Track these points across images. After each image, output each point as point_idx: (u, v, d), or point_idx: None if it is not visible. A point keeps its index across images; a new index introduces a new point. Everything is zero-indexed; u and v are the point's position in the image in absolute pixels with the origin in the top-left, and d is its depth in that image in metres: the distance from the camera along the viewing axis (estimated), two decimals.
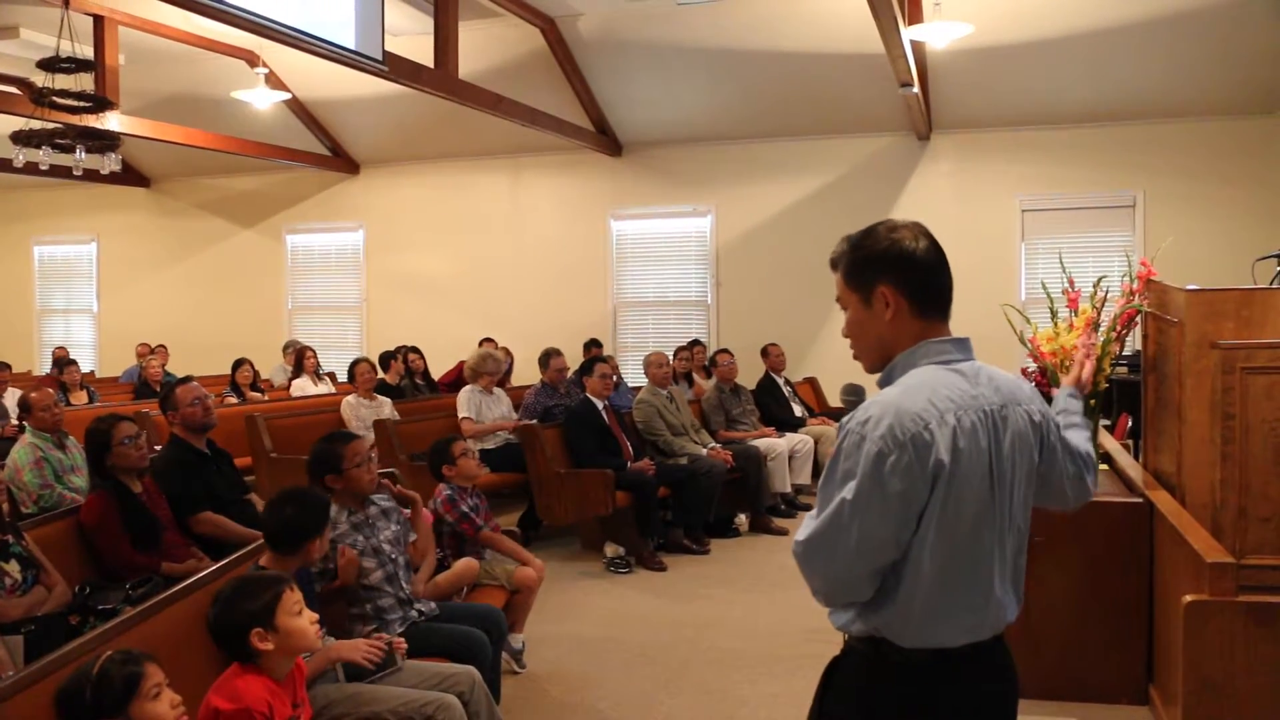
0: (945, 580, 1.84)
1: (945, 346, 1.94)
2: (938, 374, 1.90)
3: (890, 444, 1.79)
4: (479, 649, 3.75)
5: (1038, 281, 6.58)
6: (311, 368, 10.39)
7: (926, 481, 1.80)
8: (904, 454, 1.78)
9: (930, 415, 1.82)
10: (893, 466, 1.78)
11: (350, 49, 6.61)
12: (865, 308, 1.97)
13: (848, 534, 1.81)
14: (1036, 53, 9.03)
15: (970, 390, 1.89)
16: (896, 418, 1.81)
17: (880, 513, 1.79)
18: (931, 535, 1.82)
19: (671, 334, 11.26)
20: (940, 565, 1.83)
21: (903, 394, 1.86)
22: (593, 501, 6.64)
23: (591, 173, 11.61)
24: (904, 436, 1.79)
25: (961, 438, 1.83)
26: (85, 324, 14.20)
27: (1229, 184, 9.54)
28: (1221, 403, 3.67)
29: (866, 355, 2.02)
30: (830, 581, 1.89)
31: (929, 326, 1.95)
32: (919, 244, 1.95)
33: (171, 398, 4.96)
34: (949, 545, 1.83)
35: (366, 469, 3.89)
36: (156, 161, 13.17)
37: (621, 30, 9.60)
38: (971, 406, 1.86)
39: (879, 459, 1.79)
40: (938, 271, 1.97)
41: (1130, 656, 4.18)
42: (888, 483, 1.78)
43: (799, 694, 4.46)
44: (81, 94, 7.49)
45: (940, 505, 1.81)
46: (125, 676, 2.35)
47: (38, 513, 5.15)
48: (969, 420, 1.85)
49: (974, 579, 1.87)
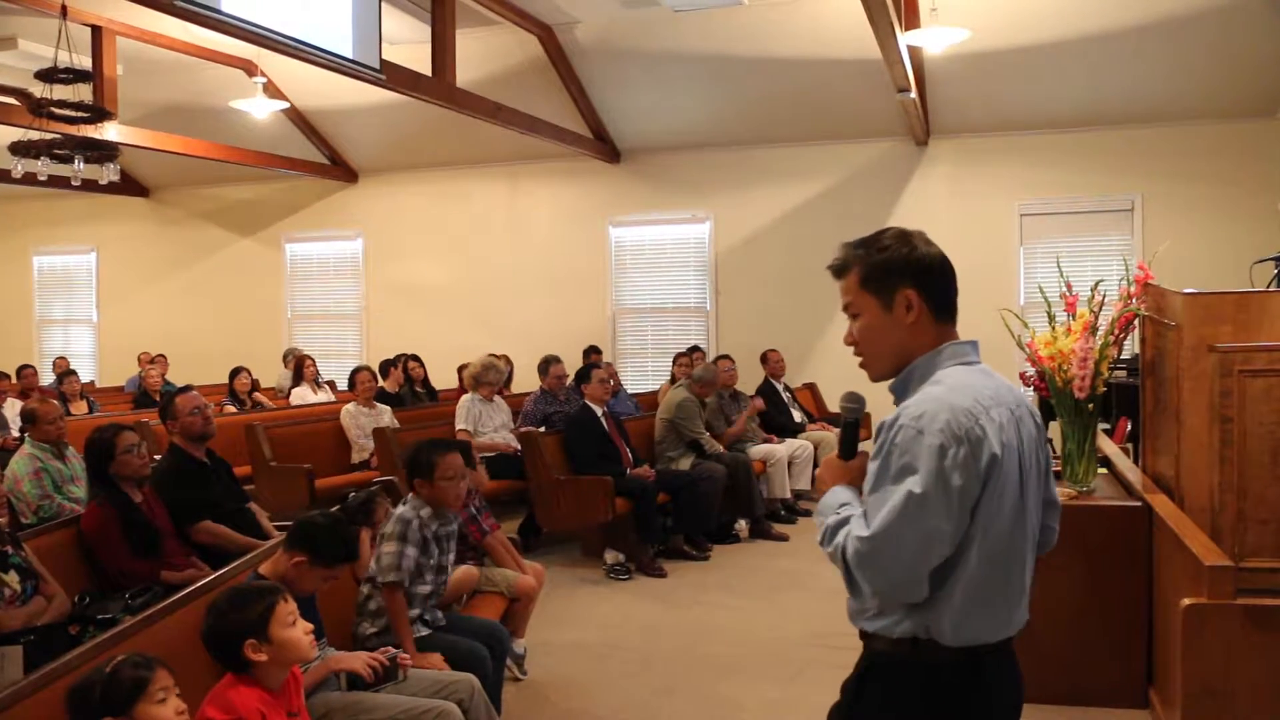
0: (988, 575, 1.88)
1: (966, 349, 1.98)
2: (969, 374, 1.93)
3: (950, 438, 1.81)
4: (479, 664, 3.75)
5: (1036, 286, 6.58)
6: (311, 376, 10.39)
7: (980, 476, 1.83)
8: (962, 447, 1.81)
9: (979, 411, 1.85)
10: (954, 460, 1.80)
11: (348, 58, 6.62)
12: (885, 312, 1.98)
13: (915, 528, 1.80)
14: (1033, 57, 9.05)
15: (998, 390, 1.93)
16: (952, 412, 1.83)
17: (944, 506, 1.80)
18: (979, 530, 1.85)
19: (671, 341, 11.27)
20: (985, 560, 1.86)
21: (949, 391, 1.88)
22: (592, 508, 6.63)
23: (590, 180, 11.62)
24: (960, 431, 1.82)
25: (1004, 434, 1.87)
26: (85, 334, 14.20)
27: (1228, 187, 9.55)
28: (1219, 406, 3.68)
29: (879, 361, 2.03)
30: (893, 582, 1.87)
31: (944, 331, 1.99)
32: (931, 250, 2.00)
33: (171, 407, 4.96)
34: (992, 540, 1.86)
35: (454, 485, 4.02)
36: (155, 171, 13.19)
37: (619, 37, 9.62)
38: (1004, 404, 1.91)
39: (940, 452, 1.80)
40: (952, 278, 2.02)
41: (1129, 660, 4.18)
42: (950, 476, 1.80)
43: (799, 700, 4.46)
44: (80, 104, 7.49)
45: (990, 500, 1.85)
46: (134, 678, 2.38)
47: (37, 523, 5.13)
48: (1003, 417, 1.89)
49: (1009, 572, 1.92)
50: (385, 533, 3.89)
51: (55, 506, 5.55)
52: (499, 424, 7.81)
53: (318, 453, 7.78)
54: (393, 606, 3.80)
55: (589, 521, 6.78)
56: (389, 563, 3.82)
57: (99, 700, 2.36)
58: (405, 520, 3.91)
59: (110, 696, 2.35)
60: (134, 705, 2.37)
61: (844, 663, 2.08)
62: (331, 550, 3.28)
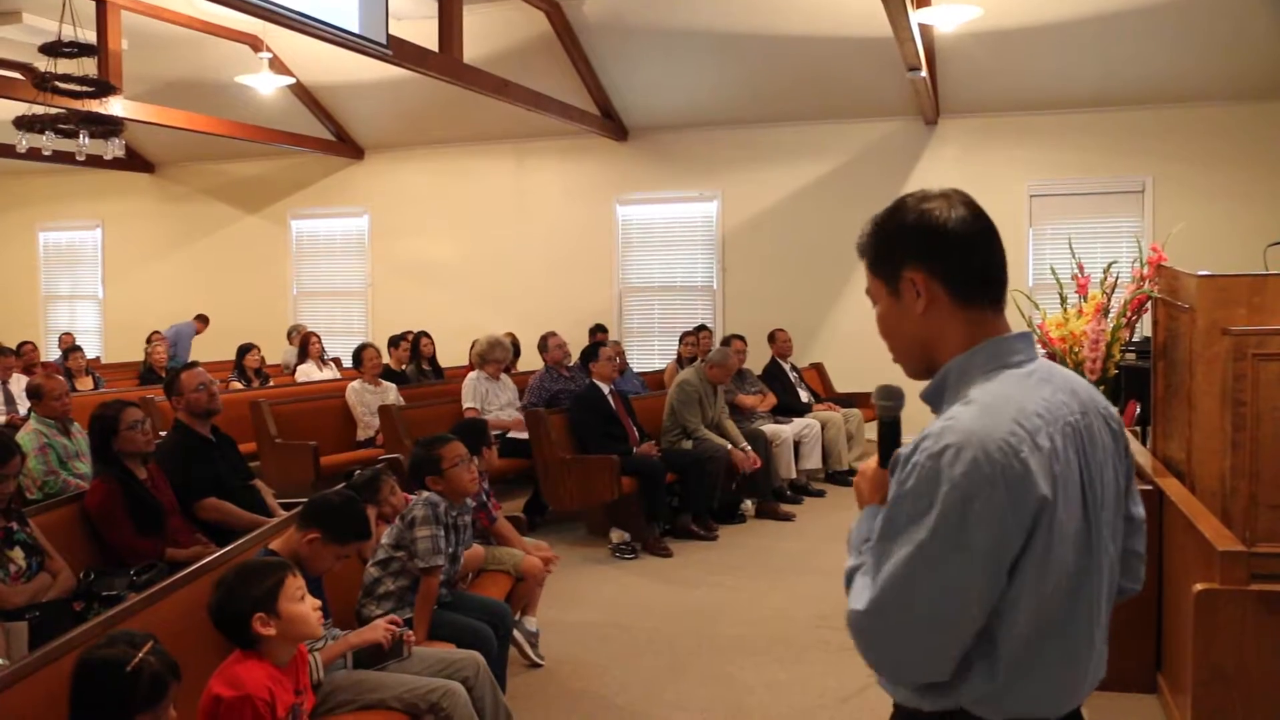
0: (1042, 642, 1.48)
1: (1013, 345, 1.56)
2: (1013, 382, 1.52)
3: (976, 482, 1.39)
4: (484, 642, 3.75)
5: (1046, 267, 6.54)
6: (316, 353, 10.38)
7: (1023, 525, 1.42)
8: (995, 493, 1.40)
9: (1020, 440, 1.42)
10: (981, 513, 1.39)
11: (354, 33, 6.57)
12: (894, 300, 1.60)
13: (922, 596, 1.42)
14: (1045, 36, 8.97)
15: (1053, 399, 1.51)
16: (981, 448, 1.41)
17: (963, 569, 1.41)
18: (1025, 590, 1.44)
19: (677, 319, 11.24)
20: (1036, 624, 1.47)
21: (981, 413, 1.45)
22: (599, 487, 6.62)
23: (597, 157, 11.56)
24: (992, 470, 1.40)
25: (1057, 463, 1.45)
26: (90, 310, 14.20)
27: (1240, 169, 9.47)
28: (1233, 389, 3.64)
29: (904, 359, 1.65)
30: (901, 663, 1.50)
31: (980, 320, 1.56)
32: (953, 213, 1.56)
33: (176, 383, 4.94)
34: (1048, 598, 1.47)
35: (466, 469, 4.04)
36: (160, 147, 13.15)
37: (627, 14, 9.54)
38: (1060, 420, 1.49)
39: (962, 504, 1.39)
40: (980, 247, 1.57)
41: (1138, 645, 4.15)
42: (974, 533, 1.40)
43: (806, 680, 4.46)
44: (84, 79, 7.46)
45: (1039, 552, 1.44)
46: (155, 680, 2.25)
47: (42, 499, 5.14)
48: (1059, 439, 1.48)
49: (1073, 631, 1.51)
50: (416, 516, 3.85)
51: (60, 482, 5.54)
52: (505, 402, 7.80)
53: (323, 430, 7.76)
54: (427, 591, 3.79)
55: (595, 501, 6.77)
56: (427, 547, 3.80)
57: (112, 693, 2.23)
58: (433, 504, 3.90)
59: (127, 692, 2.22)
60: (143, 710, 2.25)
61: (849, 644, 1.90)
62: (345, 528, 3.28)
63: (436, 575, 3.82)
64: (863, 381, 9.64)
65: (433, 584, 3.81)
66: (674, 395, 7.48)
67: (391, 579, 3.84)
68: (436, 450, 4.04)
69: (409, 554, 3.82)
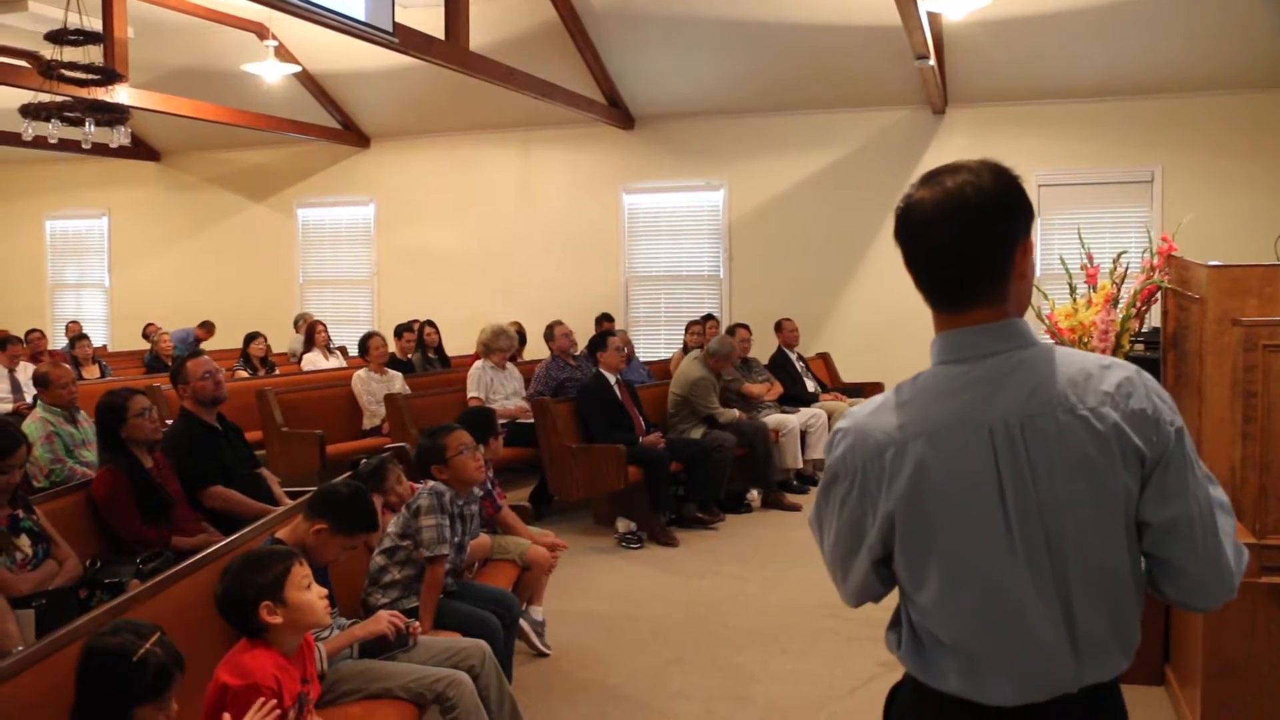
0: (970, 625, 1.53)
1: (959, 341, 1.54)
2: (940, 380, 1.55)
3: (842, 469, 1.60)
4: (490, 632, 3.75)
5: (1055, 257, 6.49)
6: (322, 341, 10.38)
7: (873, 516, 1.56)
8: (853, 483, 1.58)
9: (890, 440, 1.53)
10: (843, 495, 1.60)
11: (360, 21, 6.54)
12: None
13: (822, 539, 1.70)
14: (1054, 25, 8.90)
15: (969, 403, 1.50)
16: (858, 438, 1.58)
17: (834, 531, 1.65)
18: (911, 569, 1.56)
19: (683, 308, 11.22)
20: (946, 606, 1.54)
21: (879, 409, 1.59)
22: (605, 477, 6.61)
23: (603, 146, 11.53)
24: (856, 463, 1.57)
25: (937, 464, 1.50)
26: (97, 298, 14.21)
27: (1250, 159, 9.42)
28: (1243, 380, 3.61)
29: None
30: (834, 580, 1.73)
31: (940, 314, 1.57)
32: (921, 193, 1.54)
33: (182, 371, 4.94)
34: (949, 584, 1.52)
35: (471, 456, 4.07)
36: (167, 135, 13.13)
37: (633, 1, 9.50)
38: (970, 422, 1.49)
39: (832, 482, 1.62)
40: (929, 233, 1.52)
41: (1146, 637, 4.11)
42: (839, 509, 1.62)
43: (811, 671, 4.45)
44: (90, 67, 7.43)
45: (911, 539, 1.54)
46: (160, 672, 2.25)
47: (49, 487, 5.14)
48: (955, 441, 1.50)
49: (1006, 625, 1.51)
50: (421, 506, 3.86)
51: (67, 470, 5.55)
52: (510, 391, 7.80)
53: (329, 418, 7.77)
54: (432, 580, 3.80)
55: (601, 490, 6.76)
56: (432, 536, 3.81)
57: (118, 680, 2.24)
58: (439, 493, 3.91)
59: (132, 682, 2.23)
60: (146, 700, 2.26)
61: (856, 634, 2.00)
62: (353, 520, 3.27)
63: (442, 564, 3.82)
64: (869, 371, 9.62)
65: (438, 573, 3.81)
66: (687, 390, 7.52)
67: (397, 568, 3.84)
68: (442, 439, 4.06)
69: (414, 543, 3.83)
